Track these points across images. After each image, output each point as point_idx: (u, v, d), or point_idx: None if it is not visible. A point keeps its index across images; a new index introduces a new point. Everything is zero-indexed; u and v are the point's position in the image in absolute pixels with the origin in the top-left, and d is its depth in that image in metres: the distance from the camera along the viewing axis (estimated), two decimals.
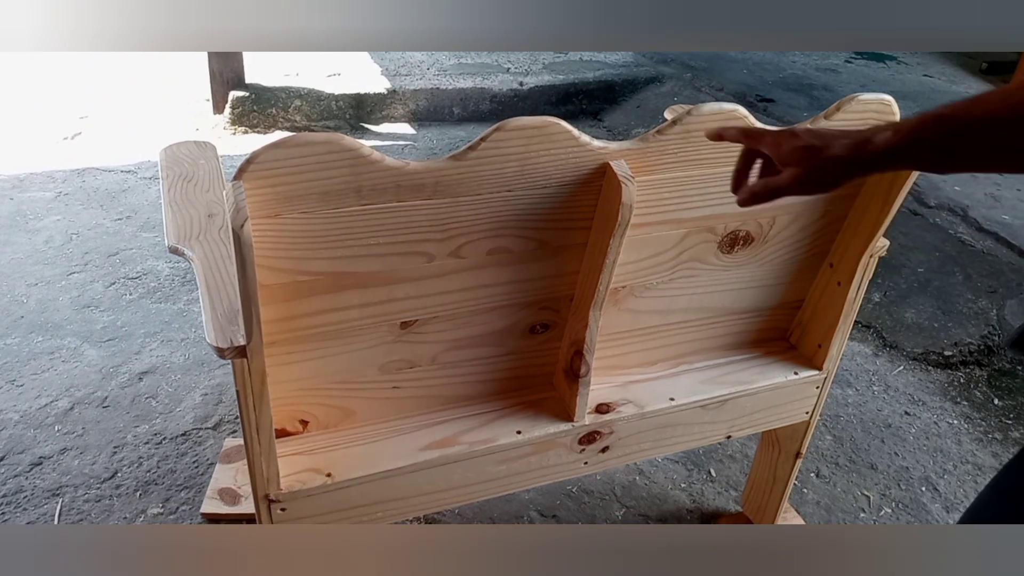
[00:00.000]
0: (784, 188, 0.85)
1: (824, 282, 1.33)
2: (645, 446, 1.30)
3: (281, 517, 1.06)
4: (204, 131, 3.36)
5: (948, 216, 2.85)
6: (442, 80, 3.73)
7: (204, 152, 1.41)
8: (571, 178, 1.01)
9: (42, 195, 2.78)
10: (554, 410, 1.23)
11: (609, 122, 3.82)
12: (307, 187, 0.88)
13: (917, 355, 2.29)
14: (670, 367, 1.34)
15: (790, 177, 0.84)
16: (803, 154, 0.82)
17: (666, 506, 1.72)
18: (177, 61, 3.87)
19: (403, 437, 1.15)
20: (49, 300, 2.23)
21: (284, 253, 0.93)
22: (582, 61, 4.10)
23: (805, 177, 0.83)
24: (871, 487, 1.83)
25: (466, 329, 1.12)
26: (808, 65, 4.46)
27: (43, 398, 1.88)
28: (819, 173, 0.82)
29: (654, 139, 1.02)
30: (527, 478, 1.24)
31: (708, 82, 3.99)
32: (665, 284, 1.21)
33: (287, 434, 1.13)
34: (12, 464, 1.70)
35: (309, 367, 1.06)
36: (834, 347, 1.35)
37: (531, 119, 0.94)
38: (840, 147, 0.80)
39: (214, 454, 1.75)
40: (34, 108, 3.42)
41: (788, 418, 1.42)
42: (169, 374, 1.99)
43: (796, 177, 0.83)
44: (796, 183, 0.83)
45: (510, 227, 1.03)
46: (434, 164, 0.93)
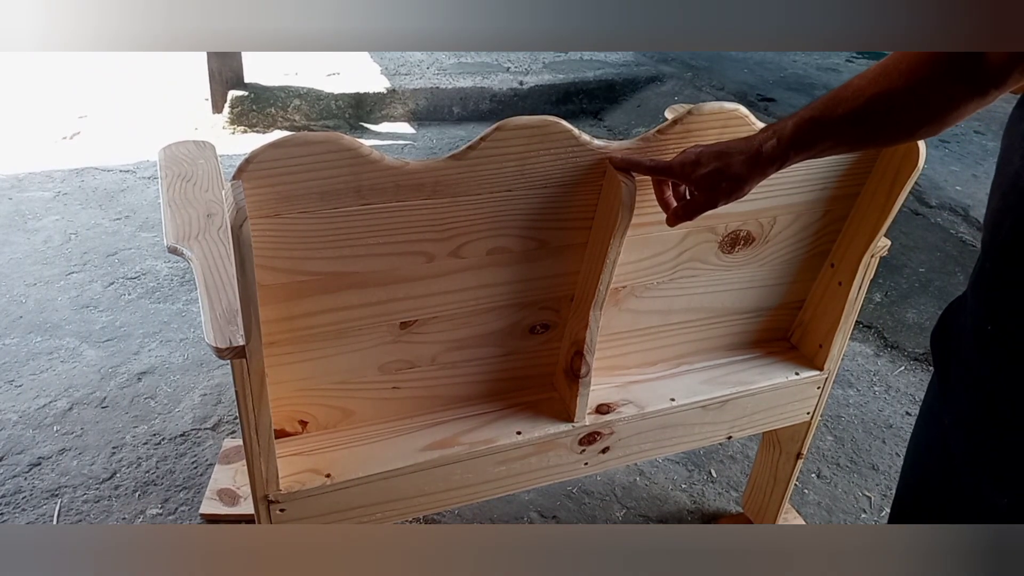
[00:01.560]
0: (703, 205, 0.97)
1: (825, 282, 1.33)
2: (646, 447, 1.30)
3: (280, 518, 1.06)
4: (203, 131, 3.35)
5: (949, 216, 2.85)
6: (442, 79, 3.73)
7: (203, 152, 1.40)
8: (571, 178, 1.00)
9: (41, 195, 2.78)
10: (554, 410, 1.22)
11: (609, 121, 3.82)
12: (306, 187, 0.88)
13: (918, 355, 2.28)
14: (671, 367, 1.34)
15: (705, 197, 0.96)
16: (711, 179, 0.94)
17: (667, 507, 1.72)
18: (176, 61, 3.87)
19: (403, 437, 1.15)
20: (48, 300, 2.23)
21: (283, 253, 0.93)
22: (582, 60, 4.10)
23: (716, 196, 0.95)
24: (872, 488, 1.83)
25: (466, 329, 1.12)
26: (809, 65, 4.46)
27: (42, 398, 1.88)
28: (726, 189, 0.94)
29: (655, 139, 1.02)
30: (527, 479, 1.23)
31: (709, 81, 3.99)
32: (666, 284, 1.21)
33: (286, 434, 1.12)
34: (11, 464, 1.70)
35: (308, 367, 1.06)
36: (835, 347, 1.35)
37: (531, 118, 0.94)
38: (738, 164, 0.92)
39: (213, 455, 1.75)
40: (33, 108, 3.42)
41: (789, 418, 1.42)
42: (168, 374, 1.98)
43: (709, 197, 0.95)
44: (711, 201, 0.95)
45: (510, 227, 1.02)
46: (434, 164, 0.93)
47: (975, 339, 0.76)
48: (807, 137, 0.87)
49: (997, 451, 0.75)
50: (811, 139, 0.87)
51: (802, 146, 0.88)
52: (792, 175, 1.15)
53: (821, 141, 0.87)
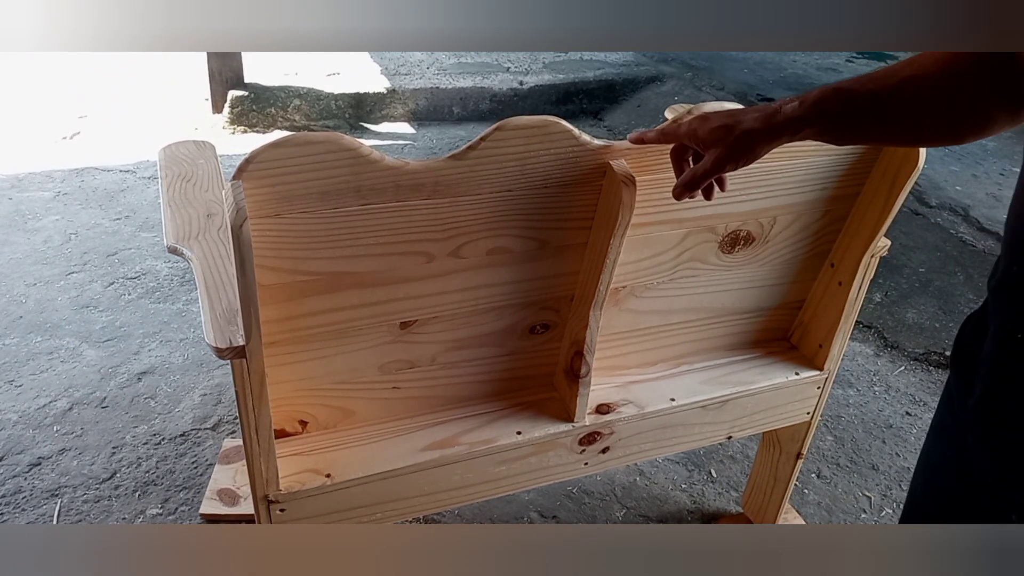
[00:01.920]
0: (710, 169, 0.89)
1: (825, 282, 1.33)
2: (646, 447, 1.30)
3: (280, 518, 1.06)
4: (203, 130, 3.35)
5: (949, 216, 2.85)
6: (442, 79, 3.73)
7: (203, 152, 1.40)
8: (571, 178, 1.00)
9: (41, 195, 2.78)
10: (554, 410, 1.22)
11: (610, 121, 3.82)
12: (306, 187, 0.88)
13: (918, 355, 2.28)
14: (671, 367, 1.34)
15: (712, 158, 0.88)
16: (720, 133, 0.87)
17: (667, 507, 1.72)
18: (176, 61, 3.87)
19: (403, 437, 1.15)
20: (48, 300, 2.23)
21: (283, 253, 0.93)
22: (582, 60, 4.10)
23: (726, 154, 0.87)
24: (872, 488, 1.83)
25: (466, 329, 1.11)
26: (809, 64, 4.46)
27: (42, 398, 1.88)
28: (736, 146, 0.87)
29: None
30: (527, 479, 1.23)
31: (709, 81, 3.99)
32: (666, 284, 1.21)
33: (286, 434, 1.12)
34: (11, 464, 1.70)
35: (308, 367, 1.06)
36: (835, 347, 1.35)
37: (531, 118, 0.94)
38: (751, 120, 0.86)
39: (213, 455, 1.75)
40: (33, 108, 3.42)
41: (789, 418, 1.42)
42: (168, 374, 1.98)
43: (718, 156, 0.88)
44: (718, 161, 0.88)
45: (510, 227, 1.02)
46: (434, 164, 0.93)
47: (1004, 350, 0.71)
48: (829, 106, 0.82)
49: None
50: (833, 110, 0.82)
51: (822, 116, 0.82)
52: (792, 175, 1.15)
53: (843, 117, 0.82)
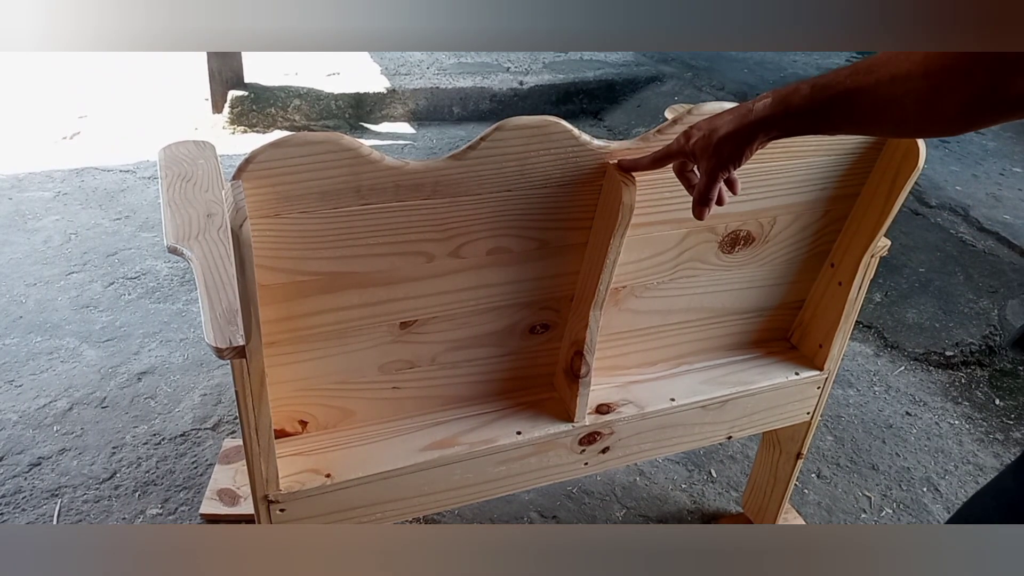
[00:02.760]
0: (707, 181, 0.91)
1: (825, 282, 1.33)
2: (646, 447, 1.30)
3: (280, 518, 1.06)
4: (203, 130, 3.35)
5: (949, 216, 2.85)
6: (442, 79, 3.73)
7: (203, 152, 1.40)
8: (571, 178, 1.00)
9: (41, 195, 2.78)
10: (554, 410, 1.22)
11: (609, 121, 3.82)
12: (306, 187, 0.88)
13: (918, 355, 2.28)
14: (671, 367, 1.34)
15: (704, 170, 0.90)
16: (702, 144, 0.89)
17: (667, 507, 1.72)
18: (176, 61, 3.87)
19: (403, 437, 1.15)
20: (48, 300, 2.23)
21: (283, 253, 0.93)
22: (582, 60, 4.10)
23: (715, 163, 0.89)
24: (872, 488, 1.83)
25: (466, 329, 1.11)
26: (809, 64, 4.45)
27: (42, 398, 1.88)
28: (720, 154, 0.88)
29: (655, 138, 1.02)
30: (527, 479, 1.23)
31: (709, 81, 3.99)
32: (666, 284, 1.21)
33: (286, 434, 1.12)
34: (11, 464, 1.70)
35: (308, 367, 1.06)
36: (835, 347, 1.35)
37: (531, 118, 0.94)
38: (726, 124, 0.87)
39: (213, 455, 1.75)
40: (33, 108, 3.42)
41: (789, 418, 1.42)
42: (168, 374, 1.98)
43: (709, 167, 0.89)
44: (711, 172, 0.90)
45: (510, 227, 1.02)
46: (434, 164, 0.93)
47: None
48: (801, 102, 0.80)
49: None
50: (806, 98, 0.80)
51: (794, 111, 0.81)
52: (792, 175, 1.15)
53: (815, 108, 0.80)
